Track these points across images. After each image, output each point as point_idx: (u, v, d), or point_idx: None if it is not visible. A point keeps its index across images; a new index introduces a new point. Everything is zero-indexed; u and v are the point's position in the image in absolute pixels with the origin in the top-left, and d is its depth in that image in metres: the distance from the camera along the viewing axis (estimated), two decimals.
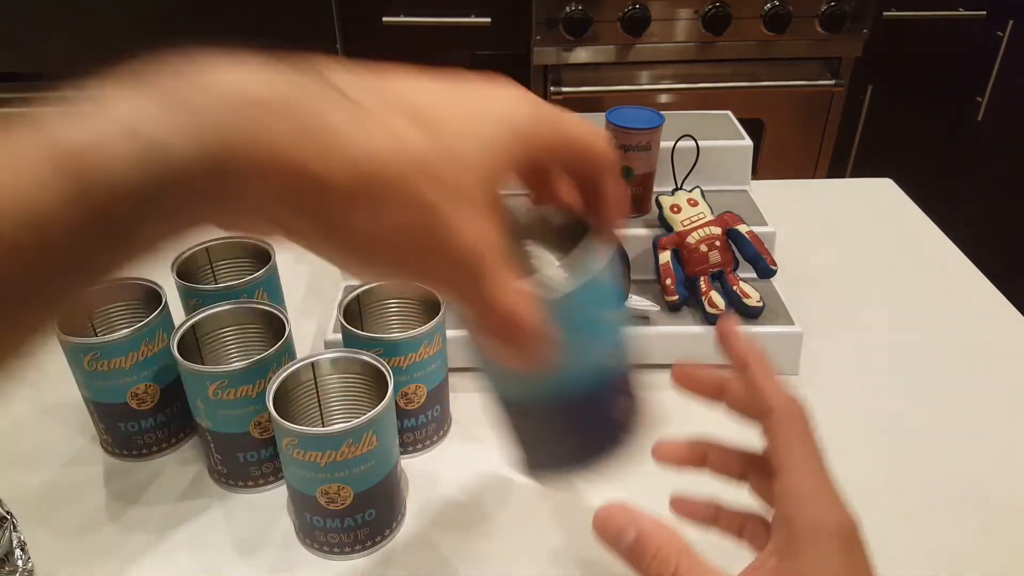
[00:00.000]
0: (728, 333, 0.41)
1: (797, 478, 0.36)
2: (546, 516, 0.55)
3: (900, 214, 0.91)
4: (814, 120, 1.68)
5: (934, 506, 0.55)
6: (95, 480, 0.58)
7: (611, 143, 0.34)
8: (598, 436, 0.38)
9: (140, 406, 0.57)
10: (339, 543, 0.51)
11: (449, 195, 0.27)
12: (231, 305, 0.56)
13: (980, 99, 1.72)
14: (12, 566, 0.49)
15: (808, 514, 0.34)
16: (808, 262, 0.81)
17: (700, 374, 0.43)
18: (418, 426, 0.59)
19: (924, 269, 0.81)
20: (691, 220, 0.68)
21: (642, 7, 1.51)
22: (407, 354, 0.54)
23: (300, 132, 0.26)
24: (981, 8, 1.61)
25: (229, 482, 0.56)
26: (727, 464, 0.42)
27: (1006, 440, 0.61)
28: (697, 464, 0.44)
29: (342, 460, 0.47)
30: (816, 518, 0.34)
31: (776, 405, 0.38)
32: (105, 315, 0.59)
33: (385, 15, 1.53)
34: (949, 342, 0.71)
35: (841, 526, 0.34)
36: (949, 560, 0.51)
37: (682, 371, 0.43)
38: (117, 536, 0.53)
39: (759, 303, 0.65)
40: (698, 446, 0.43)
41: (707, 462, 0.43)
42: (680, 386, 0.44)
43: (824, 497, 0.35)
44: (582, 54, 1.56)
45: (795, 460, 0.36)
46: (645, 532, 0.35)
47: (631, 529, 0.35)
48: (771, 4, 1.52)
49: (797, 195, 0.94)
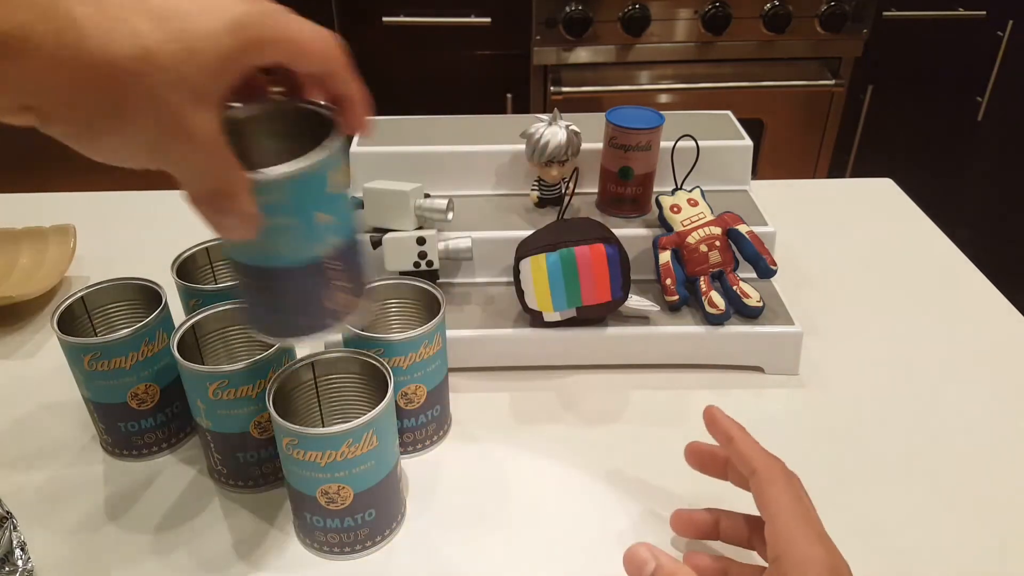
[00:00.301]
0: (712, 416, 0.49)
1: (783, 523, 0.41)
2: (546, 516, 0.55)
3: (900, 214, 0.91)
4: (814, 120, 1.68)
5: (933, 506, 0.55)
6: (95, 480, 0.58)
7: (338, 44, 0.37)
8: (303, 312, 0.42)
9: (140, 406, 0.57)
10: (339, 543, 0.51)
11: (181, 89, 0.32)
12: (231, 305, 0.56)
13: (980, 99, 1.72)
14: (12, 566, 0.49)
15: (795, 552, 0.39)
16: (808, 262, 0.81)
17: (708, 452, 0.50)
18: (418, 426, 0.59)
19: (924, 269, 0.81)
20: (691, 220, 0.68)
21: (642, 7, 1.51)
22: (407, 354, 0.54)
23: (42, 20, 0.29)
24: (981, 8, 1.61)
25: (229, 482, 0.57)
26: (736, 532, 0.48)
27: (1006, 440, 0.61)
28: (711, 535, 0.50)
29: (342, 460, 0.47)
30: (803, 555, 0.39)
31: (759, 467, 0.44)
32: (105, 315, 0.59)
33: (385, 15, 1.53)
34: (949, 342, 0.71)
35: (826, 563, 0.39)
36: (949, 560, 0.52)
37: (693, 451, 0.51)
38: (117, 536, 0.53)
39: (759, 303, 0.65)
40: (711, 515, 0.50)
41: (719, 533, 0.49)
42: (692, 465, 0.51)
43: (809, 537, 0.40)
44: (582, 54, 1.56)
45: (780, 508, 0.42)
46: (662, 564, 0.40)
47: (652, 562, 0.41)
48: (771, 4, 1.52)
49: (797, 195, 0.94)
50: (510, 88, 1.61)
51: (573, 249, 0.61)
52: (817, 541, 0.40)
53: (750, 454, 0.45)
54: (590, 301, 0.62)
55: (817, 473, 0.58)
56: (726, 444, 0.47)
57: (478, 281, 0.72)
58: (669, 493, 0.56)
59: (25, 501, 0.55)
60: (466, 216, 0.72)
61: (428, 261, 0.66)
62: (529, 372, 0.67)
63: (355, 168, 0.75)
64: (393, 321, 0.62)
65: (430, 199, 0.67)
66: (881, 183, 0.97)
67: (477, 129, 0.79)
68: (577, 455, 0.59)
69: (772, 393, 0.65)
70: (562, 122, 0.70)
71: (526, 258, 0.62)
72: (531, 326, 0.66)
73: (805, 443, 0.60)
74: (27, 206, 0.93)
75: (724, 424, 0.48)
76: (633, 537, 0.53)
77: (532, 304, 0.63)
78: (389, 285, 0.61)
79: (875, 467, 0.58)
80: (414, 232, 0.66)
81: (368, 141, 0.75)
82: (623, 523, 0.54)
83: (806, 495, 0.43)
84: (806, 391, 0.66)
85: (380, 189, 0.67)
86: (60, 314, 0.55)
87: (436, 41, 1.57)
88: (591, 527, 0.54)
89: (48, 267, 0.77)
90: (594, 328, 0.66)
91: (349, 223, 0.42)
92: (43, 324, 0.73)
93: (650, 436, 0.61)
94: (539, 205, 0.74)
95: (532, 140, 0.70)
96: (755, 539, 0.48)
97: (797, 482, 0.44)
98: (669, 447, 0.55)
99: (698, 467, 0.51)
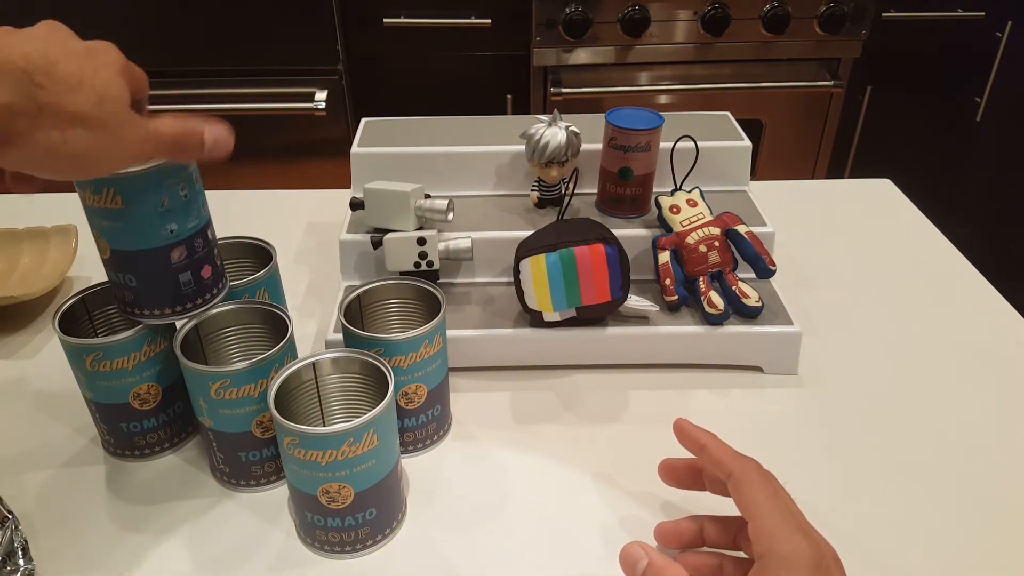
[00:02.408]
0: (682, 428, 0.49)
1: (763, 520, 0.42)
2: (546, 516, 0.55)
3: (899, 214, 0.91)
4: (813, 121, 1.68)
5: (932, 506, 0.55)
6: (96, 480, 0.58)
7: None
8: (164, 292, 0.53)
9: (142, 406, 0.57)
10: (340, 542, 0.51)
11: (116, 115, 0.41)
12: (234, 305, 0.56)
13: (979, 100, 1.72)
14: (13, 566, 0.49)
15: (777, 549, 0.40)
16: (807, 262, 0.82)
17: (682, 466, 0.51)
18: (418, 426, 0.59)
19: (922, 269, 0.81)
20: (690, 220, 0.68)
21: (641, 8, 1.51)
22: (407, 354, 0.55)
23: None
24: (980, 9, 1.62)
25: (231, 481, 0.57)
26: (721, 535, 0.49)
27: (1005, 440, 0.61)
28: (699, 486, 0.51)
29: (343, 459, 0.47)
30: (784, 550, 0.40)
31: (734, 469, 0.45)
32: (106, 316, 0.59)
33: (385, 16, 1.53)
34: (947, 342, 0.71)
35: (809, 555, 0.40)
36: (948, 559, 0.52)
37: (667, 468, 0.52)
38: (119, 536, 0.53)
39: (758, 303, 0.66)
40: (695, 522, 0.50)
41: (704, 539, 0.49)
42: (668, 482, 0.52)
43: (790, 532, 0.41)
44: (582, 55, 1.56)
45: (759, 506, 0.43)
46: (654, 561, 0.42)
47: (644, 559, 0.42)
48: (770, 5, 1.53)
49: (796, 196, 0.95)
50: (510, 89, 1.61)
51: (573, 249, 0.61)
52: (798, 533, 0.41)
53: (723, 458, 0.46)
54: (590, 301, 0.63)
55: (816, 472, 0.58)
56: (699, 452, 0.48)
57: (478, 281, 0.72)
58: (669, 493, 0.56)
59: (26, 501, 0.56)
60: (466, 216, 0.72)
61: (428, 261, 0.67)
62: (529, 372, 0.67)
63: (356, 169, 0.75)
64: (394, 321, 0.62)
65: (430, 199, 0.67)
66: (880, 184, 0.97)
67: (477, 130, 0.79)
68: (577, 455, 0.59)
69: (771, 393, 0.66)
70: (562, 123, 0.70)
71: (526, 258, 0.62)
72: (531, 326, 0.66)
73: (804, 443, 0.61)
74: (29, 206, 0.93)
75: (694, 433, 0.49)
76: (632, 536, 0.53)
77: (532, 304, 0.63)
78: (390, 285, 0.61)
79: (874, 466, 0.59)
80: (415, 232, 0.66)
81: (367, 141, 0.76)
82: (623, 523, 0.54)
83: (783, 490, 0.44)
84: (805, 391, 0.66)
85: (381, 190, 0.67)
86: (61, 315, 0.56)
87: (436, 42, 1.57)
88: (591, 527, 0.54)
89: (49, 267, 0.77)
90: (594, 328, 0.66)
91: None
92: (44, 324, 0.73)
93: (650, 436, 0.61)
94: (539, 205, 0.75)
95: (532, 141, 0.70)
96: (740, 539, 0.48)
97: (773, 479, 0.45)
98: (669, 447, 0.55)
99: (675, 483, 0.52)
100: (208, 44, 1.53)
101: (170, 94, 1.55)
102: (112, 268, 0.53)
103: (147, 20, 1.50)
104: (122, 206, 0.49)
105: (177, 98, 1.55)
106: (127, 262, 0.52)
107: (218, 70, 1.56)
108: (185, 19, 1.50)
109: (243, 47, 1.54)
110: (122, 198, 0.49)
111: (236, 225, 0.68)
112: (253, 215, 0.90)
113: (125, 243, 0.51)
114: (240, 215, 0.88)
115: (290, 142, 1.64)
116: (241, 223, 0.69)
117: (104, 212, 0.49)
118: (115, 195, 0.48)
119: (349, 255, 0.71)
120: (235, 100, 1.56)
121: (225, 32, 1.52)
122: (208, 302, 0.55)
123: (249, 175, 1.65)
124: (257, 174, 1.65)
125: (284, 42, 1.54)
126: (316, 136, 1.63)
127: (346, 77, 1.59)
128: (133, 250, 0.51)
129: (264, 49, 1.54)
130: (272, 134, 1.62)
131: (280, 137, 1.63)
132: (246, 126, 1.66)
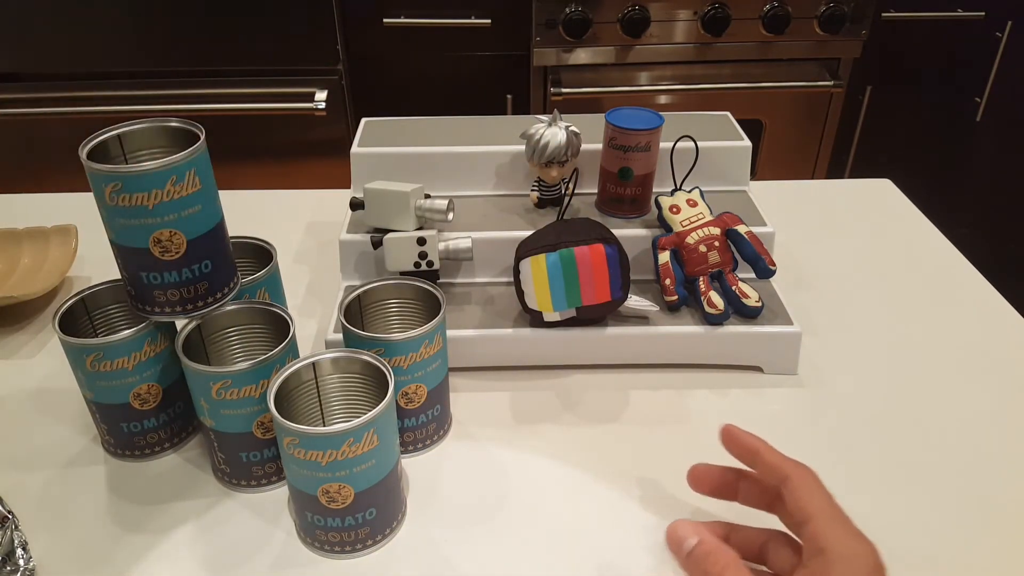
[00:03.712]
0: (732, 433, 0.48)
1: (824, 522, 0.42)
2: (546, 516, 0.55)
3: (899, 215, 0.91)
4: (813, 121, 1.68)
5: (932, 505, 0.55)
6: (96, 480, 0.58)
7: None
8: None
9: (142, 406, 0.57)
10: (340, 542, 0.51)
11: None
12: (235, 305, 0.56)
13: (979, 100, 1.72)
14: (14, 566, 0.49)
15: (838, 547, 0.41)
16: (807, 262, 0.82)
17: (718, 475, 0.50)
18: (418, 426, 0.59)
19: (922, 269, 0.81)
20: (690, 220, 0.68)
21: (641, 8, 1.51)
22: (407, 354, 0.55)
23: None
24: (980, 9, 1.61)
25: (232, 481, 0.57)
26: (757, 496, 0.48)
27: (1005, 440, 0.61)
28: (730, 495, 0.50)
29: (343, 459, 0.47)
30: (849, 549, 0.41)
31: (791, 473, 0.45)
32: (106, 316, 0.59)
33: (385, 16, 1.53)
34: (947, 342, 0.71)
35: (872, 557, 0.41)
36: (949, 559, 0.52)
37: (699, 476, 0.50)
38: (119, 536, 0.53)
39: (758, 303, 0.66)
40: (730, 473, 0.49)
41: (739, 495, 0.49)
42: (700, 491, 0.50)
43: (850, 535, 0.42)
44: (582, 55, 1.56)
45: (819, 508, 0.43)
46: (704, 541, 0.42)
47: (693, 538, 0.42)
48: (770, 5, 1.53)
49: (796, 196, 0.95)
50: (510, 89, 1.61)
51: (573, 249, 0.61)
52: (860, 535, 0.41)
53: (780, 463, 0.46)
54: (590, 301, 0.63)
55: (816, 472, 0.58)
56: (752, 458, 0.47)
57: (478, 281, 0.72)
58: (669, 493, 0.56)
59: (27, 501, 0.56)
60: (466, 216, 0.72)
61: (429, 261, 0.67)
62: (529, 372, 0.67)
63: (356, 169, 0.75)
64: (394, 321, 0.62)
65: (430, 199, 0.67)
66: (880, 184, 0.97)
67: (477, 130, 0.79)
68: (577, 455, 0.59)
69: (771, 393, 0.66)
70: (562, 123, 0.70)
71: (526, 258, 0.62)
72: (531, 326, 0.66)
73: (804, 442, 0.61)
74: (29, 206, 0.93)
75: (746, 439, 0.48)
76: (632, 536, 0.53)
77: (532, 304, 0.63)
78: (390, 285, 0.61)
79: (874, 466, 0.59)
80: (415, 232, 0.66)
81: (367, 141, 0.76)
82: (623, 522, 0.54)
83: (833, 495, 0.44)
84: (805, 391, 0.66)
85: (381, 190, 0.67)
86: (61, 315, 0.56)
87: (436, 42, 1.57)
88: (591, 526, 0.54)
89: (50, 267, 0.77)
90: (594, 328, 0.66)
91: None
92: (44, 324, 0.73)
93: (650, 436, 0.61)
94: (539, 205, 0.75)
95: (532, 141, 0.70)
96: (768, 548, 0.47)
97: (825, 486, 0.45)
98: (669, 447, 0.55)
99: (705, 490, 0.50)
100: (208, 44, 1.53)
101: (170, 94, 1.55)
102: (186, 263, 0.51)
103: (147, 20, 1.50)
104: (201, 186, 0.49)
105: (177, 98, 1.55)
106: (205, 246, 0.51)
107: (218, 70, 1.56)
108: (185, 19, 1.50)
109: (243, 47, 1.54)
110: (200, 178, 0.49)
111: (236, 225, 0.68)
112: (253, 215, 0.90)
113: (205, 224, 0.51)
114: (240, 215, 0.87)
115: (290, 142, 1.64)
116: (241, 223, 0.69)
117: (183, 201, 0.49)
118: (194, 176, 0.49)
119: (349, 255, 0.71)
120: (235, 100, 1.56)
121: (225, 32, 1.52)
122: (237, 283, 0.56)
123: (249, 175, 1.66)
124: (257, 174, 1.65)
125: (284, 42, 1.54)
126: (316, 136, 1.63)
127: (346, 77, 1.59)
128: (211, 228, 0.51)
129: (264, 49, 1.54)
130: (272, 134, 1.62)
131: (280, 137, 1.63)
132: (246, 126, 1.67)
